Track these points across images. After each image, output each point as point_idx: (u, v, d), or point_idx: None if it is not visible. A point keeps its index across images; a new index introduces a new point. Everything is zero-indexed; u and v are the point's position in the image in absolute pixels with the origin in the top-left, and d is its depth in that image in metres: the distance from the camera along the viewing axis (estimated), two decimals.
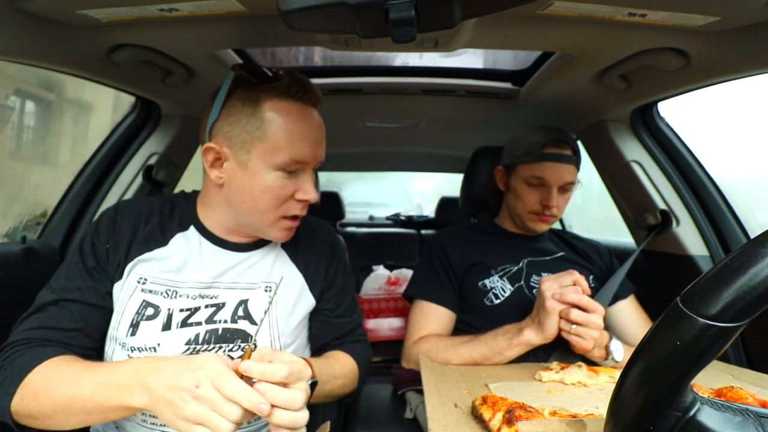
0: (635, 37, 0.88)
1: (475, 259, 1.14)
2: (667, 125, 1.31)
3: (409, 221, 2.93)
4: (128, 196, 1.33)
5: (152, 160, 1.36)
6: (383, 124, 1.74)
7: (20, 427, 0.64)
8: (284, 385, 0.57)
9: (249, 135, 0.74)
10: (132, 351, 0.74)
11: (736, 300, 0.30)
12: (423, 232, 2.55)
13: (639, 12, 0.75)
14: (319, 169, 1.52)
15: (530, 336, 0.92)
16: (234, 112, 0.75)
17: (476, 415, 0.66)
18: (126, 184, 1.33)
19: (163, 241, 0.80)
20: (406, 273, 2.15)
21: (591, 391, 0.79)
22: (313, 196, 0.78)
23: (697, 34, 0.82)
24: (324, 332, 0.92)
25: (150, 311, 0.75)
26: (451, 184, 3.37)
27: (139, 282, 0.76)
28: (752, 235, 0.80)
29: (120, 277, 0.77)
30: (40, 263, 1.15)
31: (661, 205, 1.28)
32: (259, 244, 0.87)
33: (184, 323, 0.75)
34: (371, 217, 3.45)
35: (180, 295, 0.77)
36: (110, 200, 1.31)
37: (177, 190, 1.56)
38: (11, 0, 0.73)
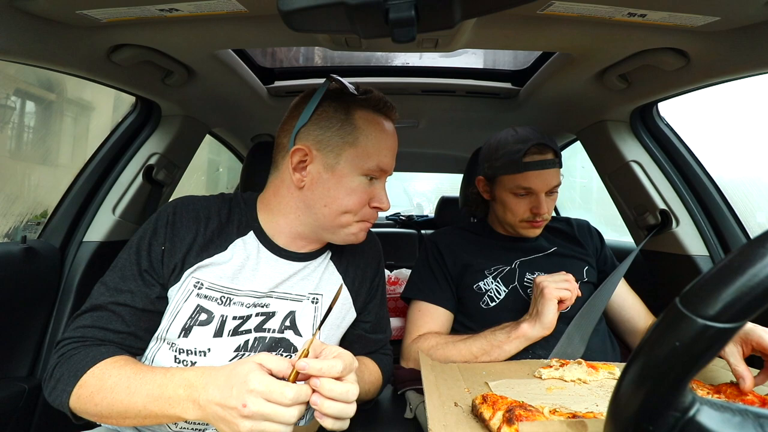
0: (635, 37, 0.88)
1: (468, 260, 1.13)
2: (667, 125, 1.31)
3: (409, 221, 2.92)
4: (128, 196, 1.33)
5: (152, 160, 1.36)
6: None
7: (77, 417, 0.69)
8: (338, 378, 0.59)
9: (341, 140, 0.77)
10: (180, 353, 0.74)
11: (735, 300, 0.30)
12: (423, 232, 2.55)
13: (639, 12, 0.75)
14: None
15: (527, 328, 0.93)
16: (326, 117, 0.78)
17: (476, 414, 0.66)
18: (126, 184, 1.33)
19: (222, 246, 0.80)
20: (406, 273, 2.14)
21: (591, 389, 0.79)
22: (386, 204, 0.82)
23: (697, 34, 0.82)
24: (357, 346, 0.94)
25: (203, 317, 0.75)
26: (451, 184, 3.37)
27: (195, 286, 0.76)
28: (752, 235, 0.80)
29: (177, 280, 0.76)
30: (40, 263, 1.15)
31: (661, 205, 1.28)
32: (314, 254, 0.87)
33: (236, 331, 0.77)
34: None
35: (234, 303, 0.77)
36: (110, 200, 1.31)
37: (177, 189, 1.58)
38: (11, 0, 0.73)
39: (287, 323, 0.81)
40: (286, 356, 0.79)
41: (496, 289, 1.10)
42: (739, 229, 1.21)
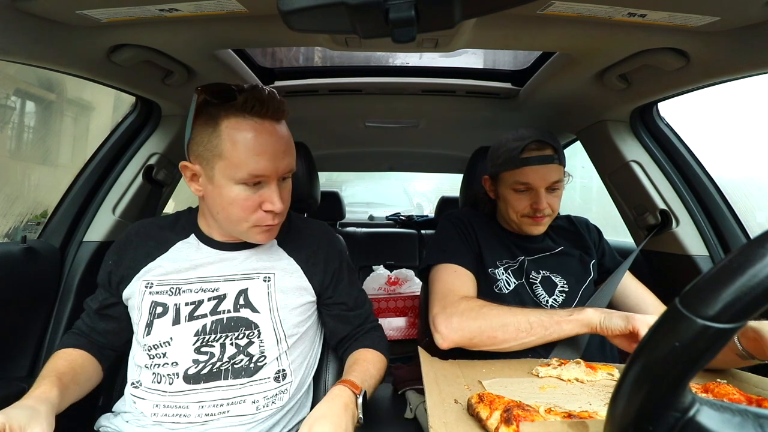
0: (635, 37, 0.88)
1: (483, 245, 1.15)
2: (667, 125, 1.31)
3: (409, 221, 2.93)
4: (128, 196, 1.33)
5: (152, 160, 1.36)
6: (383, 124, 1.74)
7: None
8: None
9: (211, 153, 0.77)
10: (150, 350, 0.82)
11: (734, 301, 0.30)
12: (423, 232, 2.55)
13: (639, 12, 0.75)
14: (319, 169, 1.52)
15: (592, 315, 0.89)
16: (199, 132, 0.79)
17: (472, 413, 0.66)
18: (126, 184, 1.33)
19: (164, 249, 0.89)
20: (406, 273, 2.15)
21: (583, 387, 0.79)
22: (278, 206, 0.79)
23: (697, 34, 0.82)
24: (341, 327, 0.98)
25: (159, 309, 0.83)
26: (451, 184, 3.37)
27: (146, 287, 0.85)
28: (752, 235, 0.80)
29: (127, 284, 0.87)
30: (40, 263, 1.15)
31: (661, 205, 1.28)
32: (254, 243, 0.90)
33: (192, 317, 0.83)
34: (371, 217, 3.45)
35: (183, 291, 0.84)
36: (110, 200, 1.31)
37: (177, 190, 1.58)
38: (12, 0, 0.73)
39: (241, 302, 0.85)
40: (248, 333, 0.83)
41: (506, 280, 1.11)
42: (739, 229, 1.21)
